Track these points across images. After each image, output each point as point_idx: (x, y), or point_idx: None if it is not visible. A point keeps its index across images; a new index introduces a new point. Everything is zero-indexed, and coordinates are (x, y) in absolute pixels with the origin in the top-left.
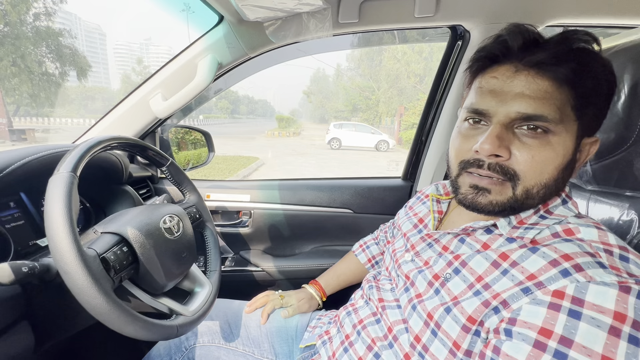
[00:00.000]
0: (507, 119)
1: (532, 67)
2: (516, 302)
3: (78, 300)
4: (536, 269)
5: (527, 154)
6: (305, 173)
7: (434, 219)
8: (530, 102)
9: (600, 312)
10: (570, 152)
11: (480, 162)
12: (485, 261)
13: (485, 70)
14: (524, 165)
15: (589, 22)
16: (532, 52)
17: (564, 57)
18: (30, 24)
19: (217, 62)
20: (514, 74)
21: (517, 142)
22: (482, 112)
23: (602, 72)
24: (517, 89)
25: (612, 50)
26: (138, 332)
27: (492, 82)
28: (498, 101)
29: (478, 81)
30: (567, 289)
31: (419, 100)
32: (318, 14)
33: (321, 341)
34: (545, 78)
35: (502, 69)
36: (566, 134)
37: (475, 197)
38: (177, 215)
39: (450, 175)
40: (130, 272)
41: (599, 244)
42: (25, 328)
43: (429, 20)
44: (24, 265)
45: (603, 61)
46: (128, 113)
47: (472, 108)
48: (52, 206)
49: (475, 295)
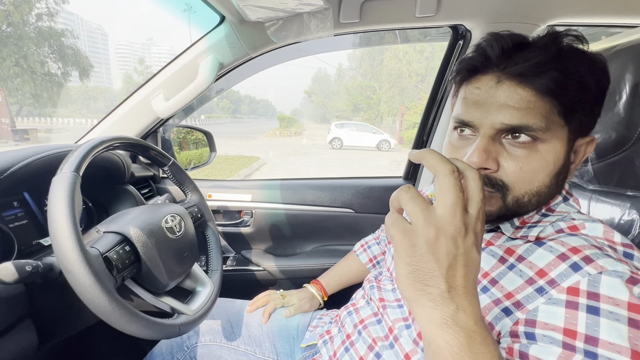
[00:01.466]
0: (493, 130)
1: (514, 77)
2: (531, 302)
3: (81, 299)
4: (545, 263)
5: (515, 165)
6: (307, 173)
7: None
8: (514, 112)
9: (616, 305)
10: (561, 157)
11: None
12: (491, 257)
13: (469, 81)
14: (512, 177)
15: (590, 21)
16: (512, 60)
17: (545, 67)
18: (33, 25)
19: (219, 62)
20: (497, 84)
21: (504, 153)
22: (468, 124)
23: (590, 73)
24: (501, 99)
25: (613, 50)
26: (140, 330)
27: (476, 93)
28: (482, 112)
29: (463, 91)
30: (581, 284)
31: (421, 99)
32: (319, 14)
33: (322, 341)
34: (527, 88)
35: (484, 79)
36: (555, 140)
37: None
38: (178, 215)
39: None
40: (132, 271)
41: (604, 240)
42: (28, 326)
43: (430, 20)
44: (28, 264)
45: (590, 61)
46: (130, 113)
47: (459, 119)
48: (55, 206)
49: (484, 292)
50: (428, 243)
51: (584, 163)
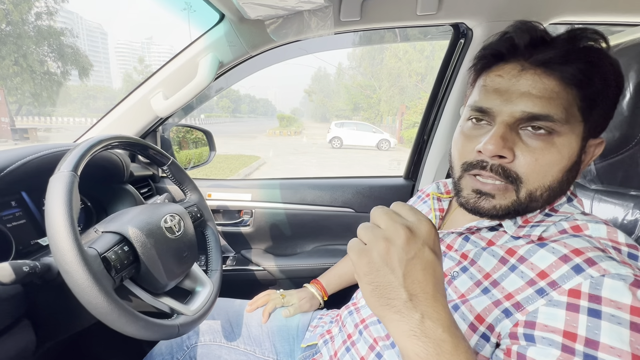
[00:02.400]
0: (512, 118)
1: (539, 65)
2: (531, 304)
3: (79, 300)
4: (546, 265)
5: (531, 157)
6: (307, 172)
7: (435, 218)
8: (537, 101)
9: (618, 309)
10: (575, 154)
11: (484, 163)
12: (492, 258)
13: (490, 69)
14: (527, 168)
15: (593, 19)
16: (539, 50)
17: (572, 57)
18: (32, 23)
19: (218, 60)
20: (520, 72)
21: (520, 143)
22: (486, 111)
23: (611, 73)
24: (523, 87)
25: (617, 48)
26: (139, 331)
27: (497, 81)
28: (503, 100)
29: (482, 79)
30: (582, 286)
31: (421, 99)
32: (319, 12)
33: (323, 340)
34: (552, 77)
35: (507, 67)
36: (572, 135)
37: (478, 202)
38: (178, 215)
39: (453, 176)
40: (131, 272)
41: (608, 241)
42: (26, 327)
43: (431, 18)
44: (25, 264)
45: (611, 61)
46: (129, 112)
47: (476, 106)
48: (52, 205)
49: (484, 293)
50: (380, 256)
51: None
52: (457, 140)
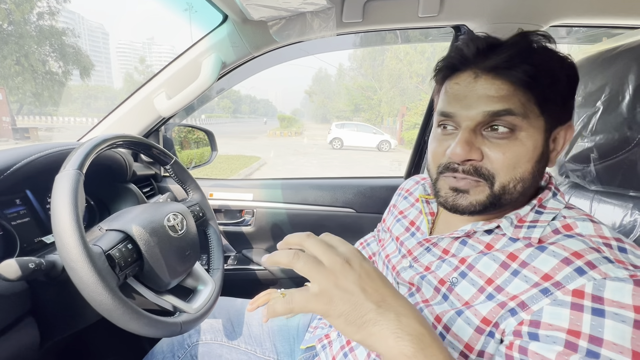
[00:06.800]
0: (474, 122)
1: (490, 71)
2: (536, 303)
3: (84, 296)
4: (549, 268)
5: (498, 152)
6: (307, 173)
7: (427, 222)
8: (495, 100)
9: (622, 308)
10: (540, 145)
11: (455, 165)
12: (493, 263)
13: (450, 78)
14: (496, 164)
15: (593, 22)
16: (488, 57)
17: (516, 60)
18: (34, 23)
19: (221, 61)
20: (475, 79)
21: (487, 142)
22: (450, 115)
23: (560, 68)
24: (480, 91)
25: (617, 51)
26: (142, 328)
27: (455, 88)
28: (463, 105)
29: (444, 87)
30: (586, 287)
31: (421, 100)
32: (322, 13)
33: (321, 345)
34: (502, 81)
35: (463, 76)
36: (533, 128)
37: (456, 199)
38: (180, 214)
39: (431, 178)
40: (135, 269)
41: (598, 238)
42: (30, 324)
43: (433, 20)
44: (31, 261)
45: (559, 58)
46: (132, 111)
47: (441, 111)
48: (58, 203)
49: (489, 299)
50: (337, 287)
51: (586, 164)
52: (431, 144)
